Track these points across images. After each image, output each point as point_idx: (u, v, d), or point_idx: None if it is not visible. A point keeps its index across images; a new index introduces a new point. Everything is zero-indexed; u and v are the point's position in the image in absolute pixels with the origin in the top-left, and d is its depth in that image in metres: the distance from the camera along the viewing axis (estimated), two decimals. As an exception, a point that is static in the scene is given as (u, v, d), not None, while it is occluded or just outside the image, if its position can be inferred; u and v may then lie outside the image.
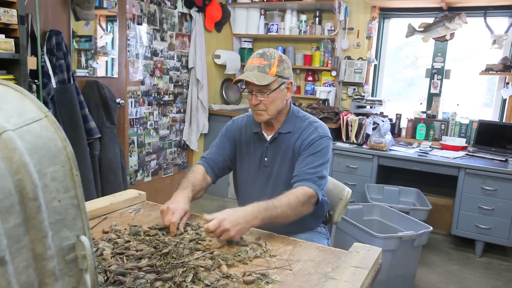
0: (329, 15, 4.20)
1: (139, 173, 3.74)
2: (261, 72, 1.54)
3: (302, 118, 1.68)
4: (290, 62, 1.63)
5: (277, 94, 1.57)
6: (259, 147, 1.69)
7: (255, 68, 1.55)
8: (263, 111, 1.58)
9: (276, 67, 1.54)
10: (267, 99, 1.56)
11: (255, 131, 1.70)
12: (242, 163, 1.73)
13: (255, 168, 1.69)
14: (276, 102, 1.58)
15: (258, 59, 1.56)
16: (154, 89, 3.78)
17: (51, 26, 2.74)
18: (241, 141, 1.73)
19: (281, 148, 1.65)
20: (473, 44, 4.00)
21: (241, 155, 1.73)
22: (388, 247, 2.37)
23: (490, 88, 4.01)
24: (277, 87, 1.56)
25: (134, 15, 3.46)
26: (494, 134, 3.55)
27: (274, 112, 1.60)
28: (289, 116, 1.67)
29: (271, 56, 1.55)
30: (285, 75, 1.58)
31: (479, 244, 3.24)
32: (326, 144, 1.60)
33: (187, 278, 1.00)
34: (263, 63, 1.54)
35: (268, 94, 1.55)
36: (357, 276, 1.04)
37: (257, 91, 1.56)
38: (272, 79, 1.54)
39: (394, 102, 4.26)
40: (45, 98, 2.61)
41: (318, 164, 1.54)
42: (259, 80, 1.52)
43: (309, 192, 1.47)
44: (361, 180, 3.54)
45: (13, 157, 0.54)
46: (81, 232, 0.63)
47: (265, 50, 1.58)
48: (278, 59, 1.56)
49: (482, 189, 3.12)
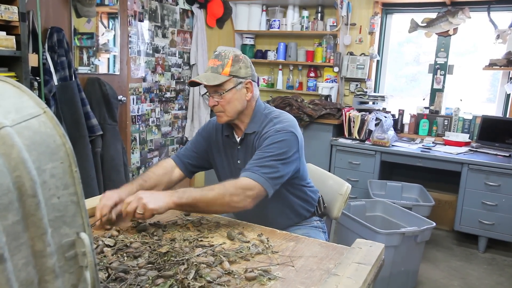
0: (331, 11, 4.18)
1: (141, 170, 3.74)
2: (214, 73, 1.52)
3: (267, 115, 1.62)
4: (249, 62, 1.58)
5: (233, 95, 1.53)
6: (231, 149, 1.67)
7: (209, 69, 1.54)
8: (222, 112, 1.56)
9: (229, 66, 1.51)
10: (222, 100, 1.53)
11: (225, 134, 1.67)
12: (217, 162, 1.72)
13: (231, 169, 1.67)
14: (234, 103, 1.54)
15: (213, 60, 1.54)
16: (156, 86, 3.78)
17: (52, 23, 2.74)
18: (216, 141, 1.71)
19: (250, 149, 1.60)
20: (476, 39, 3.97)
21: (217, 154, 1.71)
22: (391, 243, 2.36)
23: (494, 83, 3.98)
24: (232, 87, 1.53)
25: (136, 12, 3.45)
26: (497, 130, 3.53)
27: (233, 113, 1.56)
28: (254, 115, 1.62)
29: (225, 56, 1.53)
30: (241, 75, 1.54)
31: (482, 240, 3.23)
32: (282, 138, 1.50)
33: (189, 275, 0.99)
34: (217, 64, 1.53)
35: (222, 94, 1.52)
36: (359, 272, 1.04)
37: (213, 92, 1.54)
38: (225, 79, 1.51)
39: (397, 98, 4.24)
40: (47, 95, 2.61)
41: (267, 156, 1.45)
42: (208, 80, 1.50)
43: (246, 182, 1.38)
44: (364, 176, 3.53)
45: (12, 153, 0.54)
46: (81, 229, 0.63)
47: (221, 51, 1.56)
48: (232, 58, 1.52)
49: (485, 184, 3.11)
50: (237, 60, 1.54)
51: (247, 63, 1.57)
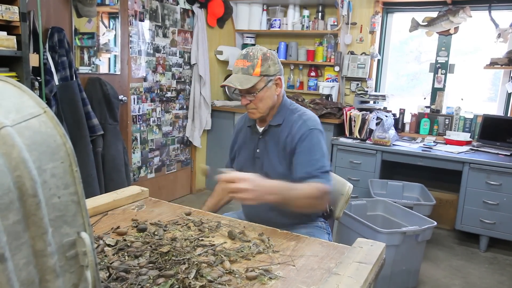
0: (332, 10, 4.17)
1: (142, 169, 3.75)
2: (245, 74, 1.55)
3: (293, 110, 1.67)
4: (276, 57, 1.61)
5: (265, 93, 1.58)
6: (253, 139, 1.73)
7: (240, 70, 1.56)
8: (254, 109, 1.61)
9: (259, 67, 1.54)
10: (255, 99, 1.58)
11: (249, 125, 1.76)
12: (238, 156, 1.79)
13: (249, 159, 1.72)
14: (266, 100, 1.59)
15: (241, 61, 1.56)
16: (157, 85, 3.78)
17: (53, 23, 2.74)
18: (243, 133, 1.80)
19: (272, 141, 1.66)
20: (477, 38, 3.96)
21: (241, 144, 1.79)
22: (392, 242, 2.36)
23: (495, 82, 3.97)
24: (264, 86, 1.57)
25: (136, 12, 3.45)
26: (498, 129, 3.52)
27: (265, 109, 1.62)
28: (280, 108, 1.67)
29: (254, 56, 1.55)
30: (271, 73, 1.57)
31: (483, 239, 3.23)
32: (317, 136, 1.58)
33: (189, 275, 1.00)
34: (246, 65, 1.55)
35: (256, 94, 1.56)
36: (360, 272, 1.04)
37: (245, 93, 1.58)
38: (256, 79, 1.54)
39: (398, 97, 4.24)
40: (48, 95, 2.61)
41: (319, 158, 1.53)
42: (242, 84, 1.53)
43: (323, 187, 1.45)
44: (365, 176, 3.53)
45: (12, 153, 0.54)
46: (81, 229, 0.63)
47: (248, 50, 1.58)
48: (261, 58, 1.55)
49: (486, 183, 3.10)
50: (266, 59, 1.56)
51: (274, 59, 1.59)
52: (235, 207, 2.37)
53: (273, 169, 1.63)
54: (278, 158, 1.63)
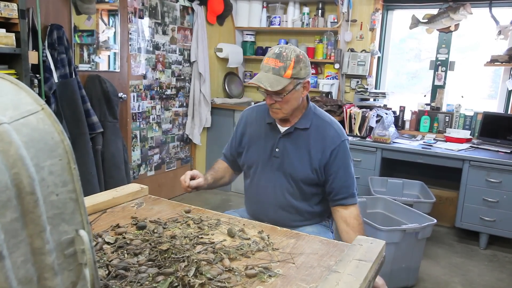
0: (332, 7, 4.16)
1: (142, 167, 3.75)
2: (276, 75, 1.50)
3: (319, 115, 1.68)
4: (308, 60, 1.57)
5: (292, 95, 1.55)
6: (271, 137, 1.69)
7: (270, 69, 1.50)
8: (278, 109, 1.58)
9: (292, 69, 1.49)
10: (282, 101, 1.54)
11: (268, 122, 1.70)
12: (249, 150, 1.74)
13: (266, 157, 1.69)
14: (291, 102, 1.57)
15: (273, 60, 1.50)
16: (157, 83, 3.77)
17: (52, 20, 2.73)
18: (251, 131, 1.75)
19: (297, 143, 1.64)
20: (478, 35, 3.96)
21: (255, 140, 1.74)
22: (392, 240, 2.36)
23: (495, 79, 3.97)
24: (293, 89, 1.53)
25: (136, 9, 3.44)
26: (499, 126, 3.52)
27: (289, 111, 1.59)
28: (307, 112, 1.66)
29: (287, 57, 1.50)
30: (301, 76, 1.53)
31: (483, 237, 3.23)
32: (347, 148, 1.67)
33: (189, 272, 0.99)
34: (279, 65, 1.49)
35: (283, 96, 1.53)
36: (360, 269, 1.04)
37: (272, 93, 1.53)
38: (287, 82, 1.50)
39: (398, 94, 4.23)
40: (47, 93, 2.61)
41: (351, 174, 1.65)
42: (272, 85, 1.49)
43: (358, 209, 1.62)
44: (365, 173, 3.53)
45: (9, 150, 0.53)
46: (80, 226, 0.62)
47: (282, 50, 1.51)
48: (295, 60, 1.50)
49: (486, 181, 3.10)
50: (298, 61, 1.51)
51: (306, 62, 1.55)
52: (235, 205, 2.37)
53: (294, 170, 1.64)
54: (300, 161, 1.63)
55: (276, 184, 1.66)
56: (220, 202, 4.03)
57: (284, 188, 1.66)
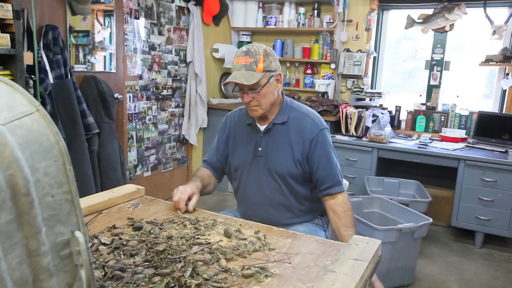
0: (327, 7, 4.17)
1: (138, 168, 3.74)
2: (249, 70, 1.54)
3: (296, 108, 1.71)
4: (275, 54, 1.63)
5: (267, 89, 1.58)
6: (253, 137, 1.71)
7: (242, 67, 1.55)
8: (257, 106, 1.61)
9: (262, 62, 1.54)
10: (258, 95, 1.57)
11: (248, 123, 1.73)
12: (234, 153, 1.77)
13: (250, 157, 1.71)
14: (268, 96, 1.60)
15: (243, 58, 1.56)
16: (153, 83, 3.77)
17: (47, 21, 2.72)
18: (240, 131, 1.77)
19: (277, 139, 1.67)
20: (472, 35, 3.97)
21: (239, 143, 1.76)
22: (388, 239, 2.37)
23: (490, 79, 3.99)
24: (267, 82, 1.57)
25: (131, 9, 3.44)
26: (494, 125, 3.54)
27: (268, 105, 1.62)
28: (283, 106, 1.69)
29: (255, 52, 1.55)
30: (273, 68, 1.58)
31: (479, 235, 3.24)
32: (327, 135, 1.67)
33: (185, 273, 0.99)
34: (249, 61, 1.54)
35: (259, 90, 1.56)
36: (356, 269, 1.04)
37: (248, 89, 1.57)
38: (261, 75, 1.54)
39: (394, 94, 4.25)
40: (43, 93, 2.60)
41: (334, 162, 1.65)
42: (248, 79, 1.53)
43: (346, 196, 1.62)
44: (361, 173, 3.54)
45: (4, 152, 0.53)
46: (75, 228, 0.62)
47: (249, 47, 1.58)
48: (263, 53, 1.56)
49: (482, 180, 3.12)
50: (267, 55, 1.57)
51: (274, 55, 1.61)
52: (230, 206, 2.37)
53: (279, 166, 1.65)
54: (283, 155, 1.65)
55: (263, 183, 1.68)
56: (216, 203, 4.03)
57: (272, 186, 1.68)
